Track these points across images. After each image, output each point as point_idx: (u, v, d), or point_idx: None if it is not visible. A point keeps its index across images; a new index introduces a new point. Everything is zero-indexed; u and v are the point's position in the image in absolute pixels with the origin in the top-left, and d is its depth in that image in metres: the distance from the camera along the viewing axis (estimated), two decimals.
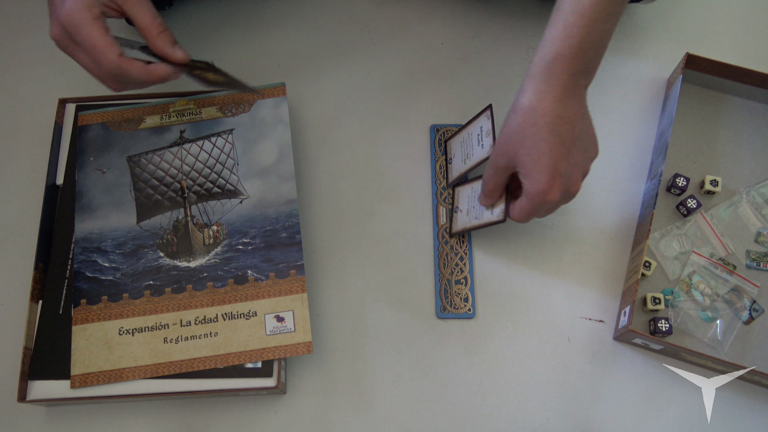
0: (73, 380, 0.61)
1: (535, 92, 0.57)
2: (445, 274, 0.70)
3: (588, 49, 0.56)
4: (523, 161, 0.58)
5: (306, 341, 0.62)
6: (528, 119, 0.57)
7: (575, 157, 0.58)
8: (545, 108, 0.57)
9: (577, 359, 0.67)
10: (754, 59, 0.78)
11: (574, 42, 0.55)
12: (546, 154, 0.57)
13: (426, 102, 0.78)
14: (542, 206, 0.59)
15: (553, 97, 0.57)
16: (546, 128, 0.56)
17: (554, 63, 0.56)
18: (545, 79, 0.57)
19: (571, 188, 0.59)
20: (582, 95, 0.59)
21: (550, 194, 0.58)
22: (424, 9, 0.83)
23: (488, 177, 0.63)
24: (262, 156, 0.70)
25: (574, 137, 0.57)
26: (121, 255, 0.66)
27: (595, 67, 0.59)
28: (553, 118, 0.56)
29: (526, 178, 0.58)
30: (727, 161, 0.74)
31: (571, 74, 0.56)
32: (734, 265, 0.69)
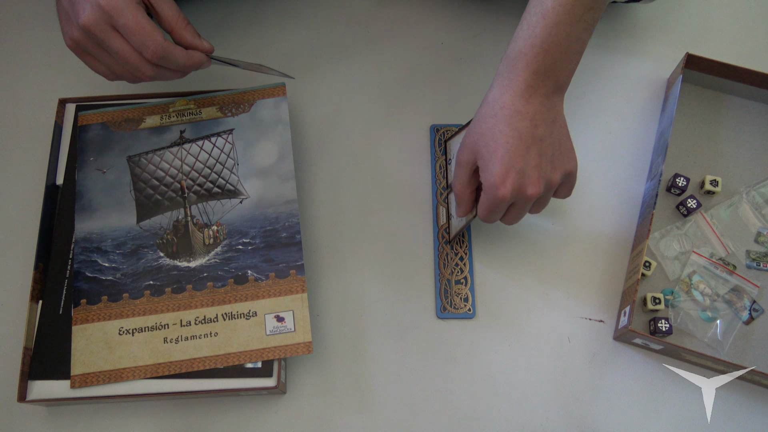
0: (73, 380, 0.61)
1: (498, 86, 0.58)
2: (445, 274, 0.70)
3: (551, 51, 0.56)
4: (481, 153, 0.58)
5: (306, 341, 0.62)
6: (488, 111, 0.58)
7: (534, 158, 0.57)
8: (505, 101, 0.57)
9: (577, 359, 0.67)
10: (754, 59, 0.78)
11: (536, 42, 0.56)
12: (501, 146, 0.57)
13: (426, 102, 0.78)
14: (496, 201, 0.58)
15: (513, 92, 0.57)
16: (504, 120, 0.57)
17: (516, 60, 0.57)
18: (508, 75, 0.58)
19: (527, 189, 0.58)
20: (550, 98, 0.58)
21: (501, 188, 0.57)
22: (424, 9, 0.83)
23: (455, 176, 0.63)
24: (262, 156, 0.70)
25: (535, 137, 0.57)
26: (121, 255, 0.66)
27: (565, 71, 0.59)
28: (512, 111, 0.57)
29: (483, 169, 0.58)
30: (727, 161, 0.74)
31: (533, 73, 0.57)
32: (734, 265, 0.69)
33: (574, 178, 0.61)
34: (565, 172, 0.60)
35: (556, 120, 0.59)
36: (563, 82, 0.59)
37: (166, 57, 0.59)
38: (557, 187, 0.61)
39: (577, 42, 0.58)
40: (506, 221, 0.63)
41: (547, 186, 0.59)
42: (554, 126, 0.59)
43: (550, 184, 0.59)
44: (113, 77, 0.62)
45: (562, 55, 0.57)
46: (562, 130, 0.60)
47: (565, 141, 0.60)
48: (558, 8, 0.56)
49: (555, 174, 0.59)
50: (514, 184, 0.57)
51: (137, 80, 0.62)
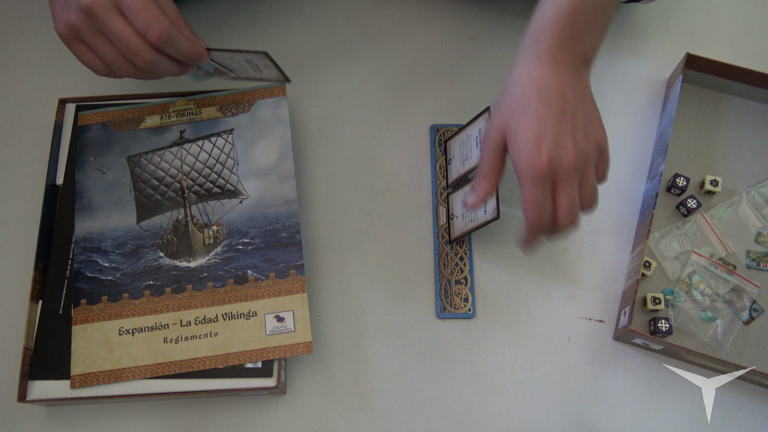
0: (73, 380, 0.61)
1: (524, 62, 0.57)
2: (445, 274, 0.70)
3: (576, 20, 0.56)
4: (511, 128, 0.56)
5: (306, 341, 0.62)
6: (515, 87, 0.57)
7: (567, 128, 0.55)
8: (532, 75, 0.56)
9: (577, 359, 0.67)
10: (754, 59, 0.78)
11: (561, 11, 0.56)
12: (532, 118, 0.54)
13: (426, 102, 0.78)
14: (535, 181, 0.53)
15: (539, 67, 0.56)
16: (533, 94, 0.55)
17: (542, 32, 0.56)
18: (533, 49, 0.57)
19: (562, 158, 0.54)
20: (577, 71, 0.57)
21: (536, 159, 0.53)
22: (424, 9, 0.83)
23: (482, 155, 0.59)
24: (262, 156, 0.70)
25: (566, 109, 0.55)
26: (121, 255, 0.66)
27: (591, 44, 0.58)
28: (540, 84, 0.56)
29: (513, 146, 0.55)
30: (727, 161, 0.74)
31: (559, 44, 0.56)
32: (734, 265, 0.69)
33: (607, 155, 0.59)
34: (598, 145, 0.57)
35: (585, 93, 0.58)
36: (589, 53, 0.58)
37: (171, 41, 0.57)
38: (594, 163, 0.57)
39: (603, 14, 0.57)
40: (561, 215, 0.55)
41: (583, 158, 0.55)
42: (584, 99, 0.57)
43: (585, 156, 0.55)
44: (104, 69, 0.59)
45: (588, 26, 0.56)
46: (592, 104, 0.58)
47: (595, 114, 0.58)
48: None
49: (589, 146, 0.56)
50: (549, 152, 0.53)
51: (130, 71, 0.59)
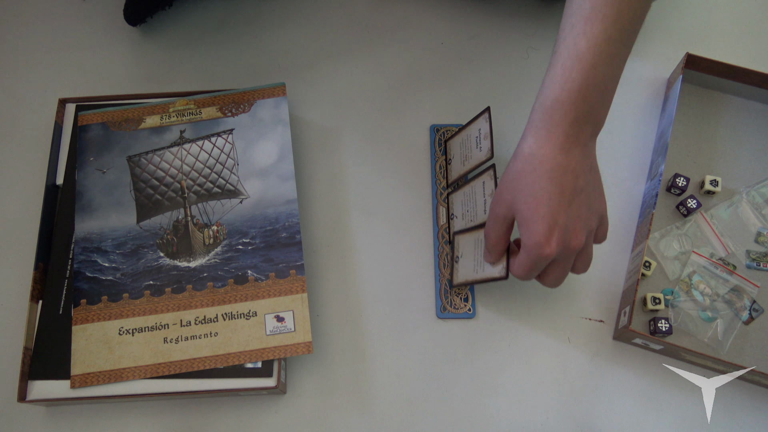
0: (73, 380, 0.61)
1: (535, 139, 0.54)
2: (445, 274, 0.70)
3: (589, 95, 0.53)
4: (521, 209, 0.54)
5: (306, 341, 0.62)
6: (527, 166, 0.54)
7: (577, 210, 0.54)
8: (545, 155, 0.53)
9: (577, 359, 0.67)
10: (754, 59, 0.78)
11: (573, 87, 0.52)
12: (544, 203, 0.53)
13: (426, 102, 0.78)
14: (539, 260, 0.54)
15: (552, 144, 0.53)
16: (545, 176, 0.53)
17: (553, 109, 0.53)
18: (545, 126, 0.54)
19: (571, 243, 0.54)
20: (587, 145, 0.55)
21: (546, 247, 0.53)
22: (424, 9, 0.83)
23: (489, 228, 0.59)
24: (262, 156, 0.70)
25: (576, 189, 0.54)
26: (121, 255, 0.66)
27: (602, 113, 0.55)
28: (553, 165, 0.53)
29: (523, 227, 0.54)
30: (727, 161, 0.74)
31: (572, 121, 0.53)
32: (734, 265, 0.69)
33: (606, 220, 0.58)
34: (599, 215, 0.57)
35: (593, 166, 0.56)
36: (600, 124, 0.56)
37: None
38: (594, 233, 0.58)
39: (612, 81, 0.54)
40: (549, 282, 0.58)
41: (588, 234, 0.56)
42: (592, 173, 0.56)
43: (590, 232, 0.56)
44: None
45: (600, 97, 0.53)
46: (597, 175, 0.57)
47: (599, 185, 0.57)
48: (593, 49, 0.52)
49: (593, 220, 0.56)
50: (558, 240, 0.53)
51: None
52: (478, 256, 0.65)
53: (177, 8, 0.82)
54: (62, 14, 0.83)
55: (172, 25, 0.82)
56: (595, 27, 0.52)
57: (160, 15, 0.81)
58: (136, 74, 0.79)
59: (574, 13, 0.53)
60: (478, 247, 0.65)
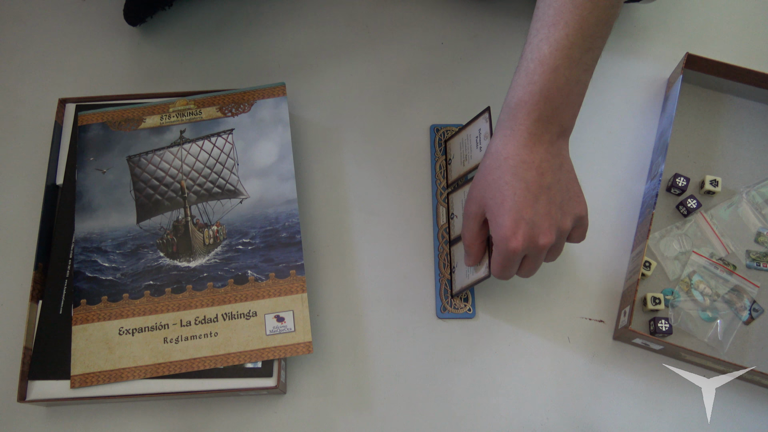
0: (73, 380, 0.61)
1: (501, 137, 0.56)
2: (445, 274, 0.70)
3: (551, 97, 0.55)
4: (489, 204, 0.57)
5: (306, 341, 0.62)
6: (493, 162, 0.56)
7: (545, 206, 0.55)
8: (509, 152, 0.55)
9: (577, 359, 0.67)
10: (754, 59, 0.78)
11: (535, 89, 0.54)
12: (509, 197, 0.55)
13: (426, 102, 0.78)
14: (509, 255, 0.56)
15: (516, 142, 0.55)
16: (509, 172, 0.55)
17: (517, 109, 0.55)
18: (509, 125, 0.56)
19: (539, 239, 0.55)
20: (554, 144, 0.57)
21: (513, 241, 0.55)
22: (424, 9, 0.83)
23: (464, 228, 0.61)
24: (262, 156, 0.70)
25: (542, 185, 0.55)
26: (121, 255, 0.66)
27: (569, 114, 0.57)
28: (517, 162, 0.55)
29: (492, 223, 0.56)
30: (727, 161, 0.74)
31: (535, 120, 0.55)
32: (734, 265, 0.69)
33: (586, 222, 0.60)
34: (576, 217, 0.58)
35: (563, 165, 0.57)
36: (567, 125, 0.57)
37: None
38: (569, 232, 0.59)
39: (577, 84, 0.56)
40: (522, 274, 0.60)
41: (558, 233, 0.57)
42: (561, 172, 0.57)
43: (561, 231, 0.57)
44: None
45: (563, 99, 0.55)
46: (570, 175, 0.58)
47: (573, 185, 0.58)
48: (555, 53, 0.54)
49: (565, 220, 0.57)
50: (525, 235, 0.55)
51: None
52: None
53: (177, 8, 0.82)
54: (62, 14, 0.83)
55: (172, 25, 0.82)
56: (557, 32, 0.54)
57: (160, 15, 0.81)
58: (136, 74, 0.79)
59: (539, 19, 0.56)
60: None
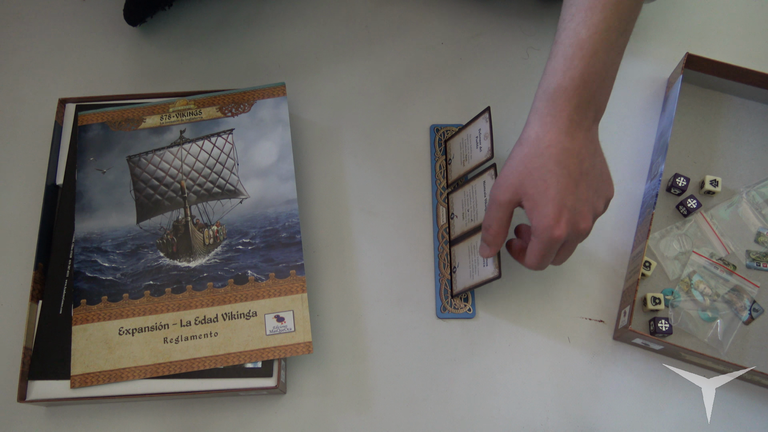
0: (73, 380, 0.61)
1: (540, 124, 0.56)
2: (445, 274, 0.70)
3: (591, 81, 0.55)
4: (530, 194, 0.56)
5: (306, 341, 0.62)
6: (533, 150, 0.56)
7: (583, 192, 0.56)
8: (551, 139, 0.55)
9: (577, 359, 0.67)
10: (754, 59, 0.78)
11: (575, 74, 0.54)
12: (552, 186, 0.54)
13: (426, 102, 0.78)
14: (551, 244, 0.56)
15: (558, 129, 0.55)
16: (552, 159, 0.55)
17: (557, 95, 0.55)
18: (549, 111, 0.55)
19: (580, 225, 0.56)
20: (590, 130, 0.57)
21: (556, 229, 0.55)
22: (424, 9, 0.83)
23: (490, 218, 0.60)
24: (262, 156, 0.70)
25: (582, 172, 0.56)
26: (121, 255, 0.66)
27: (603, 98, 0.57)
28: (559, 149, 0.55)
29: (534, 211, 0.56)
30: (727, 161, 0.74)
31: (575, 106, 0.55)
32: (734, 265, 0.69)
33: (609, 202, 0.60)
34: (607, 200, 0.59)
35: (597, 150, 0.58)
36: (601, 110, 0.58)
37: None
38: None
39: (612, 67, 0.56)
40: (557, 262, 0.60)
41: (594, 217, 0.57)
42: (596, 156, 0.57)
43: (596, 215, 0.58)
44: None
45: (600, 84, 0.56)
46: (602, 159, 0.58)
47: (605, 169, 0.59)
48: (594, 37, 0.54)
49: (600, 204, 0.58)
50: (567, 222, 0.55)
51: None
52: (472, 263, 0.66)
53: (177, 8, 0.82)
54: (62, 14, 0.83)
55: (172, 25, 0.82)
56: (595, 16, 0.54)
57: (160, 15, 0.81)
58: (136, 74, 0.79)
59: (573, 4, 0.56)
60: (472, 254, 0.66)
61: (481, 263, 0.64)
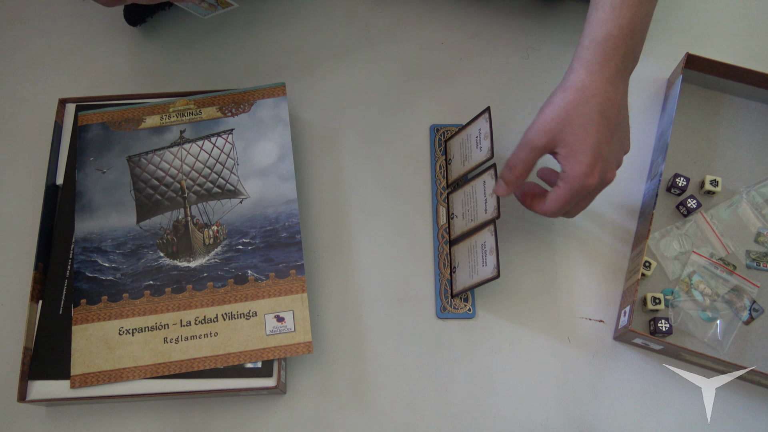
0: (73, 380, 0.61)
1: (587, 72, 0.56)
2: (445, 274, 0.70)
3: (636, 30, 0.56)
4: (568, 141, 0.56)
5: (306, 341, 0.62)
6: (578, 98, 0.56)
7: (616, 143, 0.57)
8: (597, 88, 0.56)
9: (577, 359, 0.67)
10: (754, 59, 0.78)
11: (624, 22, 0.55)
12: (593, 134, 0.55)
13: (426, 102, 0.78)
14: (580, 191, 0.57)
15: (605, 78, 0.56)
16: (596, 108, 0.55)
17: (606, 43, 0.56)
18: (597, 60, 0.56)
19: (608, 175, 0.57)
20: (627, 81, 0.58)
21: (590, 177, 0.56)
22: (424, 9, 0.83)
23: (518, 159, 0.59)
24: (262, 156, 0.70)
25: (618, 123, 0.57)
26: (121, 255, 0.66)
27: (640, 50, 0.58)
28: (604, 99, 0.56)
29: (569, 158, 0.56)
30: (727, 161, 0.74)
31: (622, 56, 0.56)
32: (734, 265, 0.69)
33: None
34: (626, 153, 0.60)
35: (626, 103, 0.59)
36: (637, 61, 0.59)
37: None
38: None
39: (649, 20, 0.58)
40: (571, 214, 0.61)
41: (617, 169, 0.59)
42: (626, 108, 0.58)
43: (618, 166, 0.59)
44: None
45: (642, 34, 0.57)
46: (627, 113, 0.59)
47: (627, 123, 0.60)
48: None
49: (621, 156, 0.59)
50: (600, 171, 0.56)
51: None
52: (472, 263, 0.66)
53: (177, 8, 0.82)
54: (62, 14, 0.83)
55: (172, 25, 0.82)
56: None
57: (160, 15, 0.81)
58: (136, 74, 0.79)
59: None
60: (471, 254, 0.66)
61: (481, 263, 0.64)
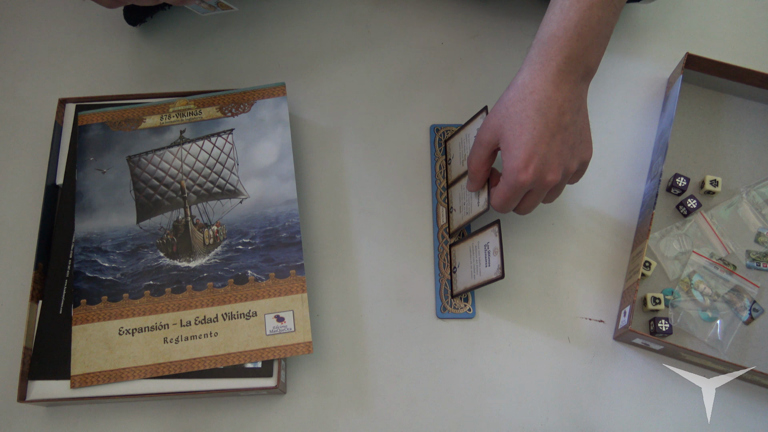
0: (73, 380, 0.61)
1: (529, 70, 0.58)
2: (445, 274, 0.70)
3: (584, 34, 0.56)
4: (505, 135, 0.58)
5: (306, 341, 0.62)
6: (518, 95, 0.58)
7: (558, 145, 0.57)
8: (536, 86, 0.57)
9: (577, 359, 0.67)
10: (754, 59, 0.78)
11: (570, 25, 0.56)
12: (527, 131, 0.56)
13: (426, 102, 0.78)
14: (516, 187, 0.58)
15: (545, 77, 0.57)
16: (533, 105, 0.57)
17: (549, 44, 0.57)
18: (539, 59, 0.57)
19: (547, 176, 0.58)
20: (578, 86, 0.58)
21: (523, 173, 0.57)
22: (424, 9, 0.83)
23: (471, 154, 0.63)
24: (262, 156, 0.70)
25: (560, 125, 0.57)
26: (121, 255, 0.66)
27: (595, 57, 0.58)
28: (542, 97, 0.56)
29: (505, 153, 0.58)
30: (727, 161, 0.74)
31: (566, 57, 0.56)
32: (734, 265, 0.69)
33: (586, 166, 0.62)
34: (582, 162, 0.60)
35: (581, 108, 0.59)
36: (592, 68, 0.59)
37: None
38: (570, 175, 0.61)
39: (606, 26, 0.58)
40: (521, 210, 0.62)
41: (564, 173, 0.59)
42: (578, 115, 0.59)
43: (567, 171, 0.59)
44: None
45: (593, 39, 0.57)
46: (585, 119, 0.60)
47: (586, 130, 0.60)
48: None
49: (573, 162, 0.59)
50: (535, 169, 0.57)
51: None
52: (474, 263, 0.66)
53: (177, 8, 0.82)
54: (62, 14, 0.83)
55: (172, 25, 0.82)
56: None
57: (160, 15, 0.81)
58: (136, 74, 0.79)
59: None
60: (473, 254, 0.66)
61: (484, 264, 0.64)
